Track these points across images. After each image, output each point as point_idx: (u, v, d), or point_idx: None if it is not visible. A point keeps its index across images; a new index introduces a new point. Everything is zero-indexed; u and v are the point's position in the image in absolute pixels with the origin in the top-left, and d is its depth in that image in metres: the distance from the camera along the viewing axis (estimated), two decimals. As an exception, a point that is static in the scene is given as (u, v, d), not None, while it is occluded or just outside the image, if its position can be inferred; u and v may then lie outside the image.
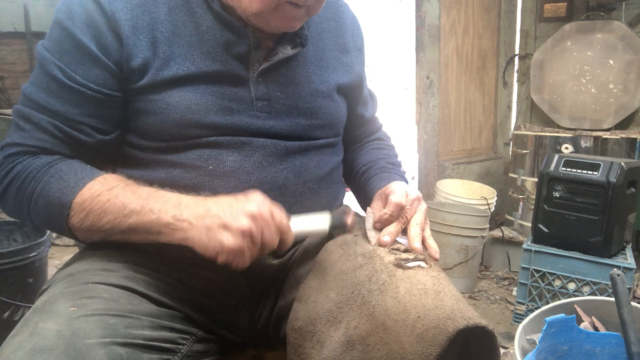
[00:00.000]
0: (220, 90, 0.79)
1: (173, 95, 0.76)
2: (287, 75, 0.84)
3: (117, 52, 0.74)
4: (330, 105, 0.89)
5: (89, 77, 0.74)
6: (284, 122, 0.83)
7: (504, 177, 2.92)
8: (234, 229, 0.64)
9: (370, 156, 1.01)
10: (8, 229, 1.91)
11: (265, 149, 0.81)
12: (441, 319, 0.59)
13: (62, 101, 0.74)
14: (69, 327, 0.60)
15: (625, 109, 2.40)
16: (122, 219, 0.69)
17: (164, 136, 0.77)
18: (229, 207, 0.66)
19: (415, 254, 0.72)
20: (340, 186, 0.96)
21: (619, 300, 1.08)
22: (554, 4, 2.60)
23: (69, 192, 0.70)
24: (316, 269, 0.77)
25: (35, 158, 0.74)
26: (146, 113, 0.77)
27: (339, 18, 0.95)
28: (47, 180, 0.72)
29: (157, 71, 0.75)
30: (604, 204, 1.74)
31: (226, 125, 0.79)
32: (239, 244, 0.64)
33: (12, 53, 3.66)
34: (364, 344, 0.62)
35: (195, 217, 0.66)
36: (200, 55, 0.78)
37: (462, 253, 2.22)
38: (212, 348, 0.80)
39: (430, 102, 2.65)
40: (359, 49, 0.98)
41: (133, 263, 0.76)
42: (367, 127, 1.07)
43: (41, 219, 0.74)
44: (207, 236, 0.65)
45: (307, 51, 0.87)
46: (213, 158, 0.78)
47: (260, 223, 0.66)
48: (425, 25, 2.55)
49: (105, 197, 0.69)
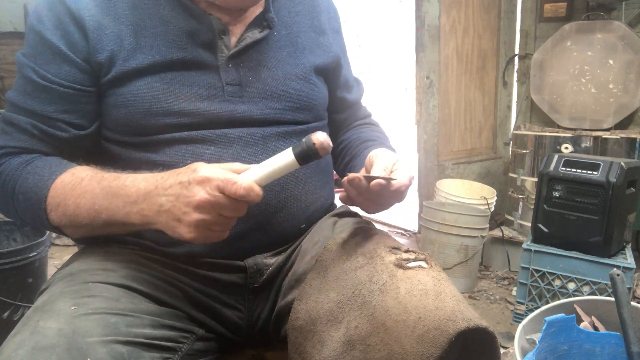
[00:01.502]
0: (188, 78, 0.79)
1: (140, 85, 0.77)
2: (258, 60, 0.84)
3: (84, 48, 0.77)
4: (306, 87, 0.88)
5: (60, 74, 0.77)
6: (257, 106, 0.83)
7: (504, 177, 2.92)
8: (186, 223, 0.64)
9: (364, 134, 0.99)
10: (8, 229, 1.91)
11: (241, 139, 0.81)
12: (442, 320, 0.59)
13: (37, 101, 0.77)
14: (70, 325, 0.60)
15: (625, 109, 2.40)
16: (95, 215, 0.71)
17: (138, 128, 0.78)
18: (177, 199, 0.64)
19: (416, 254, 0.72)
20: (328, 174, 0.95)
21: (619, 300, 1.08)
22: (554, 4, 2.60)
23: (43, 186, 0.74)
24: (317, 268, 0.77)
25: (15, 157, 0.78)
26: (117, 106, 0.78)
27: (312, 1, 0.95)
28: (24, 177, 0.75)
29: (123, 62, 0.77)
30: (603, 204, 1.74)
31: (196, 111, 0.79)
32: (197, 234, 0.64)
33: (12, 53, 3.66)
34: (365, 344, 0.62)
35: (154, 214, 0.66)
36: (166, 44, 0.79)
37: (462, 253, 2.22)
38: (212, 347, 0.80)
39: (430, 102, 2.65)
40: (335, 30, 0.99)
41: (133, 262, 0.77)
42: (352, 111, 1.06)
43: (27, 216, 0.77)
44: (170, 230, 0.66)
45: (280, 34, 0.88)
46: (190, 153, 0.79)
47: (212, 208, 0.63)
48: (425, 25, 2.55)
49: (77, 192, 0.72)
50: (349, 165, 0.97)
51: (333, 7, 1.01)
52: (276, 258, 0.87)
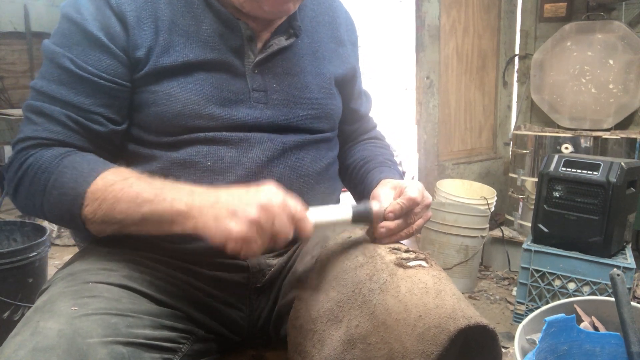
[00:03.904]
0: (218, 81, 0.80)
1: (174, 86, 0.77)
2: (283, 67, 0.85)
3: (124, 41, 0.76)
4: (326, 96, 0.90)
5: (100, 66, 0.75)
6: (281, 112, 0.84)
7: (504, 177, 2.92)
8: (241, 217, 0.63)
9: (368, 152, 1.01)
10: (8, 229, 1.91)
11: (262, 144, 0.81)
12: (442, 318, 0.59)
13: (74, 92, 0.74)
14: (70, 326, 0.60)
15: (625, 109, 2.40)
16: (135, 208, 0.67)
17: (166, 127, 0.78)
18: (240, 197, 0.65)
19: (416, 254, 0.72)
20: (337, 182, 0.96)
21: (619, 300, 1.08)
22: (554, 4, 2.60)
23: (83, 182, 0.69)
24: (317, 267, 0.77)
25: (48, 150, 0.74)
26: (148, 104, 0.77)
27: (333, 12, 0.96)
28: (61, 170, 0.71)
29: (157, 58, 0.77)
30: (603, 204, 1.74)
31: (224, 116, 0.79)
32: (246, 232, 0.62)
33: (12, 53, 3.66)
34: (365, 343, 0.62)
35: (205, 205, 0.65)
36: (199, 44, 0.79)
37: (462, 253, 2.22)
38: (212, 347, 0.80)
39: (430, 102, 2.65)
40: (353, 43, 1.00)
41: (133, 262, 0.76)
42: (361, 124, 1.07)
43: (55, 211, 0.72)
44: (215, 224, 0.64)
45: (303, 43, 0.88)
46: (211, 154, 0.78)
47: (271, 213, 0.64)
48: (425, 25, 2.55)
49: (118, 187, 0.68)
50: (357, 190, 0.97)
51: (351, 20, 1.02)
52: (279, 259, 0.87)
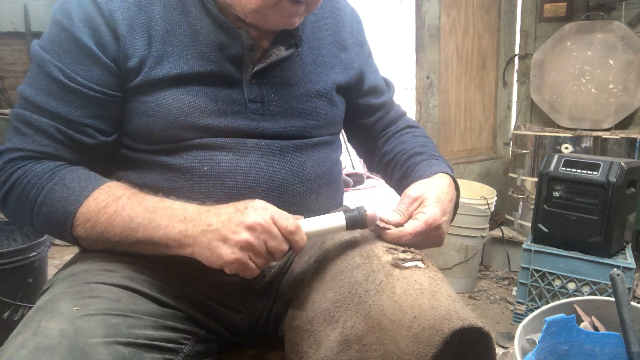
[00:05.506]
0: (213, 92, 0.78)
1: (166, 96, 0.76)
2: (281, 77, 0.83)
3: (115, 51, 0.74)
4: (326, 105, 0.88)
5: (90, 77, 0.74)
6: (278, 123, 0.82)
7: (504, 177, 2.92)
8: (232, 243, 0.64)
9: (408, 144, 0.96)
10: (8, 229, 1.91)
11: (259, 149, 0.80)
12: (437, 319, 0.59)
13: (63, 103, 0.73)
14: (72, 326, 0.60)
15: (625, 109, 2.40)
16: (129, 233, 0.69)
17: (155, 138, 0.77)
18: (229, 219, 0.66)
19: (413, 254, 0.72)
20: (339, 184, 0.96)
21: (619, 300, 1.08)
22: (554, 4, 2.59)
23: (74, 202, 0.70)
24: (314, 268, 0.77)
25: (37, 163, 0.73)
26: (138, 114, 0.76)
27: (336, 15, 0.93)
28: (51, 187, 0.71)
29: (150, 69, 0.75)
30: (603, 204, 1.73)
31: (219, 127, 0.78)
32: (239, 257, 0.65)
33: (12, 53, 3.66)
34: (361, 344, 0.62)
35: (198, 233, 0.66)
36: (194, 56, 0.77)
37: (462, 253, 2.22)
38: (213, 348, 0.80)
39: (430, 102, 2.65)
40: (359, 43, 0.97)
41: (134, 263, 0.76)
42: (382, 113, 1.02)
43: (45, 226, 0.73)
44: (209, 252, 0.66)
45: (303, 51, 0.86)
46: (208, 159, 0.78)
47: (261, 233, 0.65)
48: (425, 25, 2.55)
49: (111, 209, 0.69)
50: (402, 184, 0.92)
51: (357, 20, 0.98)
52: (278, 261, 0.87)
